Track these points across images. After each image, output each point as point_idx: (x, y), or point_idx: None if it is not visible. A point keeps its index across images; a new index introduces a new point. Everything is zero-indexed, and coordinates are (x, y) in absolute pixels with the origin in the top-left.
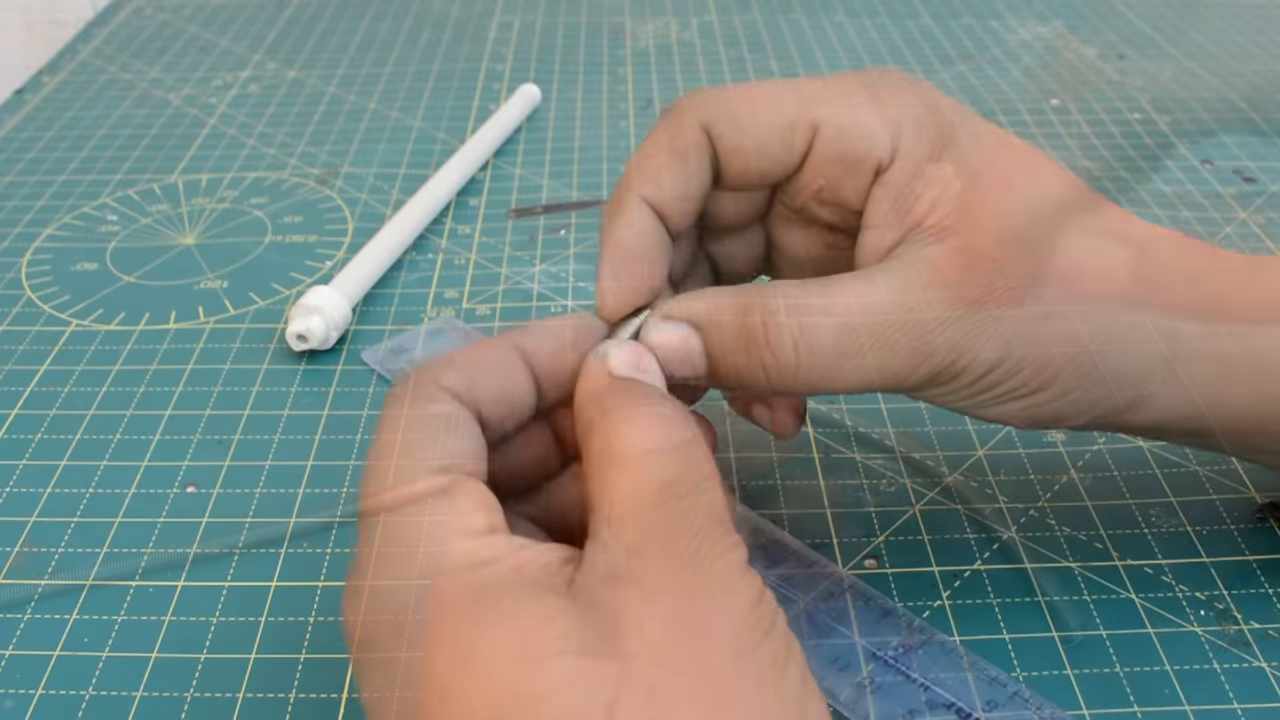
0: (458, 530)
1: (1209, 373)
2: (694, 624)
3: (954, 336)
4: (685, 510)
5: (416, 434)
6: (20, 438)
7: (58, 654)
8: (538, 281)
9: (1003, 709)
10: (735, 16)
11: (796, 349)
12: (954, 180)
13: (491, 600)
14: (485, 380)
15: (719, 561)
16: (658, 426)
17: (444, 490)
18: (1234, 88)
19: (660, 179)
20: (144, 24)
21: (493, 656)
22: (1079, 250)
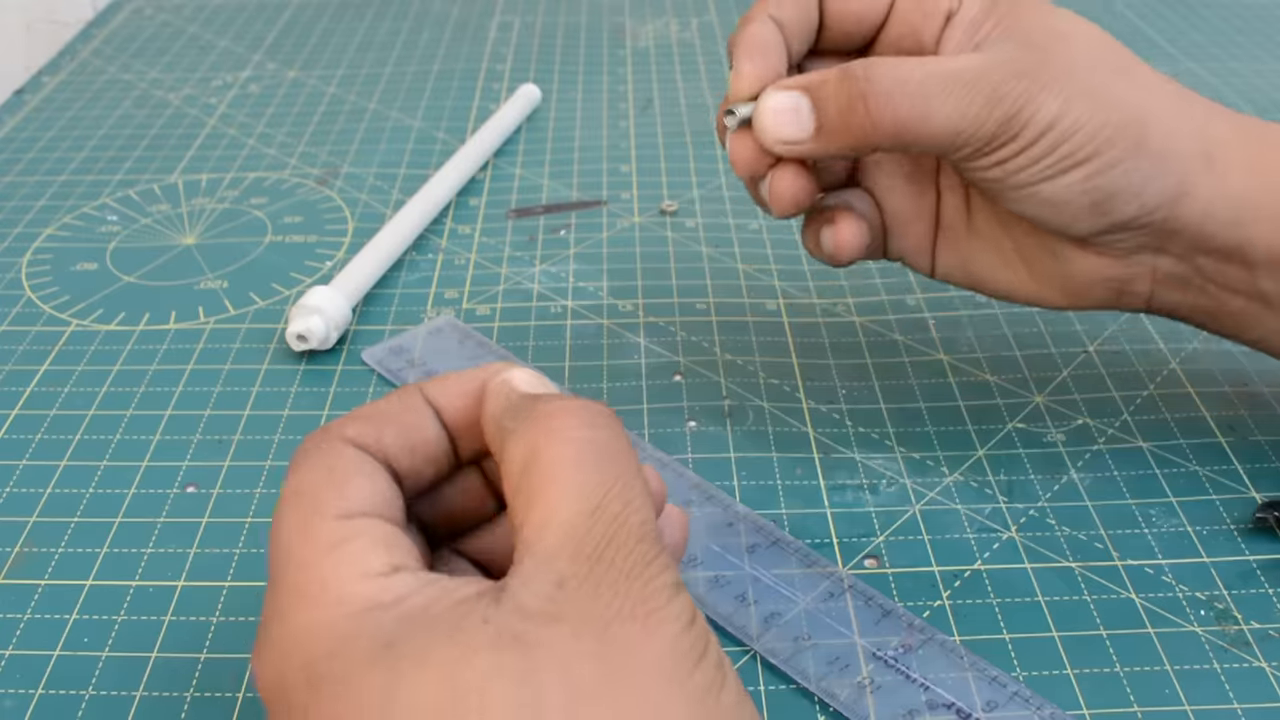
0: (354, 574)
1: (1243, 178)
2: (624, 656)
3: (1020, 86)
4: (616, 532)
5: (317, 483)
6: (20, 438)
7: (58, 654)
8: (538, 281)
9: (1003, 709)
10: (735, 16)
11: (891, 84)
12: (1010, 10)
13: (397, 648)
14: (391, 431)
15: (650, 585)
16: (584, 437)
17: (346, 535)
18: (1234, 88)
19: (782, 2)
20: (144, 24)
21: (412, 708)
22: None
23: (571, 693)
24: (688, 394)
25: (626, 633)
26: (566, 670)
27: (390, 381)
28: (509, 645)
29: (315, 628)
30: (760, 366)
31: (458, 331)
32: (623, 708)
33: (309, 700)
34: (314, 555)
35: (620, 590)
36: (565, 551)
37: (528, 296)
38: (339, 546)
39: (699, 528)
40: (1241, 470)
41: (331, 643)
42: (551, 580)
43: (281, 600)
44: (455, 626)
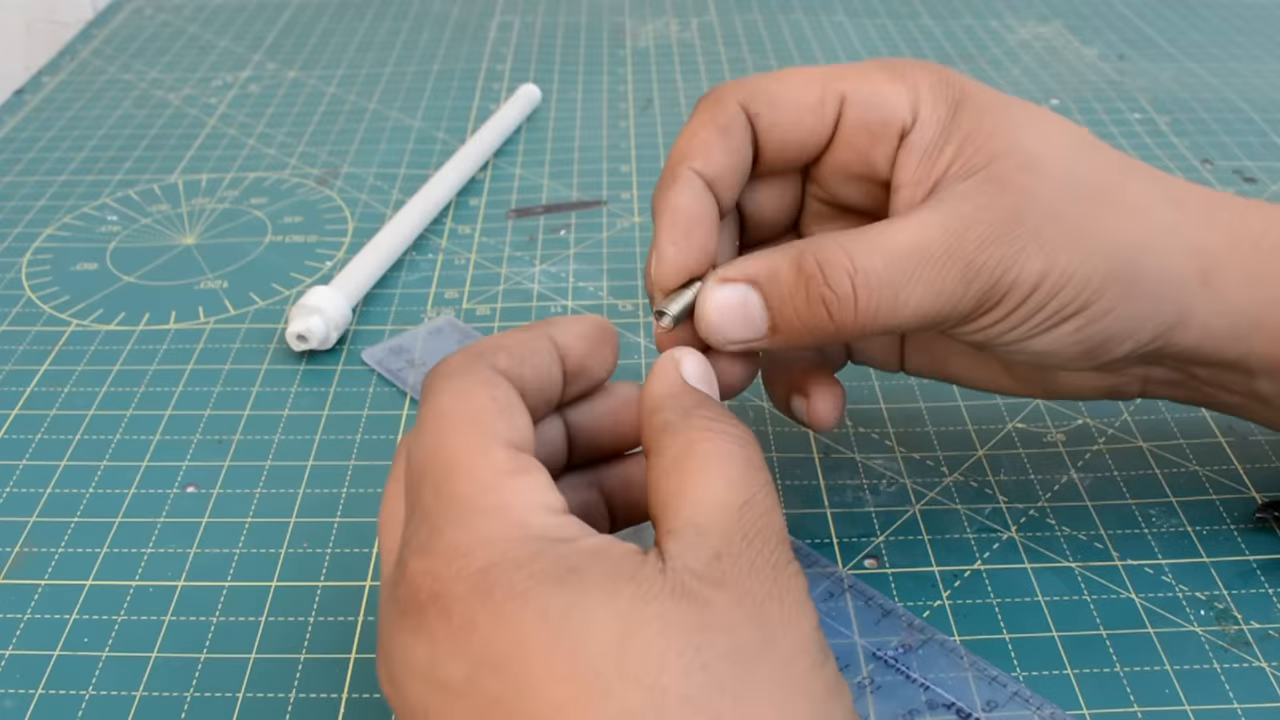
0: (535, 503)
1: (1242, 292)
2: (772, 634)
3: (997, 253)
4: (762, 529)
5: (485, 409)
6: (20, 438)
7: (58, 654)
8: (538, 281)
9: (1003, 709)
10: (735, 16)
11: (853, 282)
12: (972, 129)
13: (582, 576)
14: (530, 369)
15: (791, 581)
16: (738, 446)
17: (522, 466)
18: (1234, 88)
19: (709, 153)
20: (144, 24)
21: (591, 631)
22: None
23: (735, 648)
24: None
25: (777, 613)
26: (731, 630)
27: (390, 381)
28: (683, 596)
29: (498, 540)
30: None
31: (458, 331)
32: (775, 675)
33: (479, 608)
34: (494, 477)
35: (767, 577)
36: (719, 530)
37: (528, 296)
38: (518, 475)
39: None
40: (1241, 470)
41: (519, 558)
42: (709, 552)
43: (457, 512)
44: (636, 569)
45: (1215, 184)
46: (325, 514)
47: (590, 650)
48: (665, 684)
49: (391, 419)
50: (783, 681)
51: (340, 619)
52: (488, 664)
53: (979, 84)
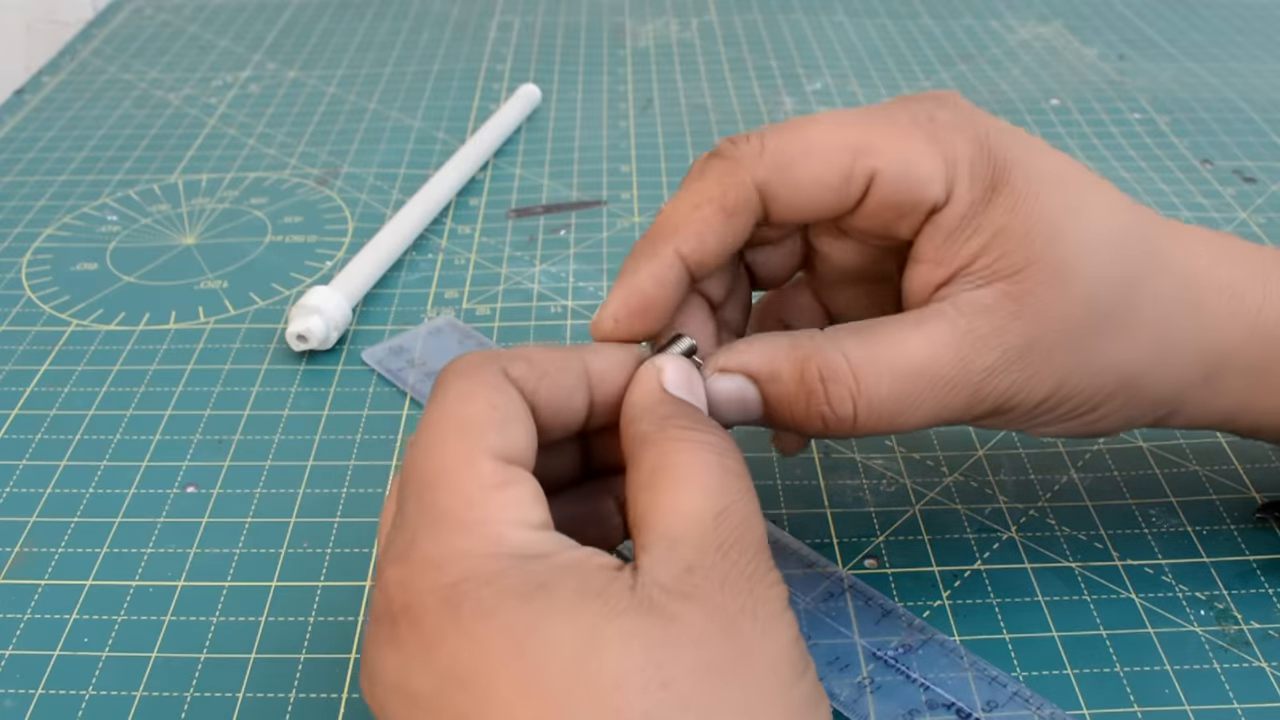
0: (513, 518)
1: (1242, 383)
2: (746, 648)
3: (1005, 381)
4: (739, 539)
5: (482, 417)
6: (20, 438)
7: (58, 654)
8: (538, 281)
9: (1003, 709)
10: (735, 16)
11: (855, 405)
12: (1004, 226)
13: (549, 593)
14: (548, 386)
15: (769, 592)
16: (715, 455)
17: (508, 479)
18: (1234, 88)
19: (704, 236)
20: (144, 24)
21: (553, 647)
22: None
23: (701, 664)
24: None
25: (749, 627)
26: (699, 644)
27: (390, 382)
28: (649, 611)
29: (469, 555)
30: None
31: (458, 331)
32: (743, 692)
33: (445, 621)
34: (477, 491)
35: (742, 589)
36: (691, 542)
37: (528, 296)
38: (502, 489)
39: None
40: (1241, 470)
41: (487, 574)
42: (681, 565)
43: (435, 523)
44: (605, 585)
45: (1215, 184)
46: (325, 514)
47: (551, 668)
48: (622, 702)
49: (391, 419)
50: (753, 699)
51: (340, 619)
52: (454, 679)
53: (1024, 149)
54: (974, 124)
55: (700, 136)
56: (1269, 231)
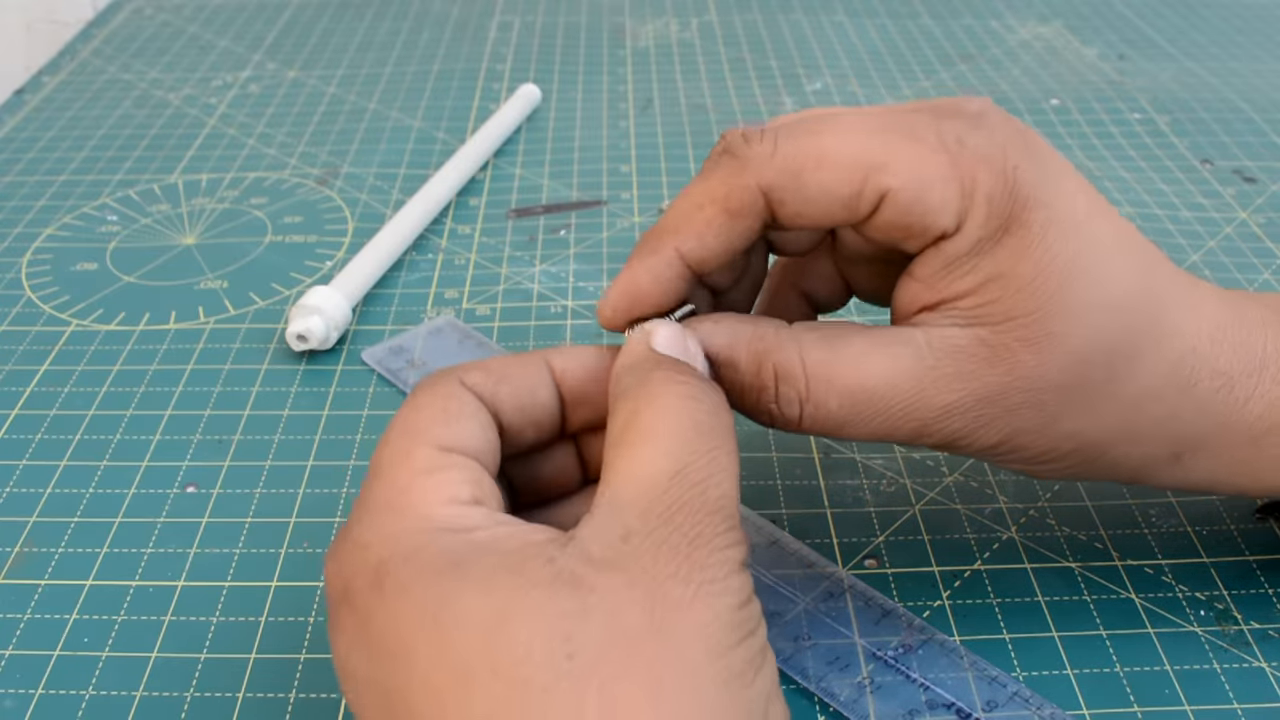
0: (442, 497)
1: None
2: (671, 615)
3: (957, 423)
4: (692, 499)
5: (429, 416)
6: (20, 438)
7: (58, 654)
8: (538, 281)
9: (1003, 709)
10: (735, 16)
11: (801, 411)
12: (1005, 272)
13: (465, 567)
14: (507, 387)
15: (714, 555)
16: (687, 408)
17: (442, 464)
18: (1234, 88)
19: (705, 236)
20: (144, 24)
21: (461, 621)
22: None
23: (611, 636)
24: None
25: (678, 594)
26: (612, 615)
27: (390, 382)
28: (565, 584)
29: (395, 535)
30: None
31: (458, 331)
32: (655, 661)
33: (372, 600)
34: (409, 477)
35: (681, 553)
36: (638, 507)
37: (528, 296)
38: (433, 473)
39: None
40: None
41: (407, 551)
42: (618, 532)
43: (368, 510)
44: (521, 560)
45: (1215, 184)
46: (325, 514)
47: (461, 643)
48: (527, 674)
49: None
50: (667, 668)
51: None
52: (383, 655)
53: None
54: (1004, 153)
55: (700, 136)
56: (1269, 231)
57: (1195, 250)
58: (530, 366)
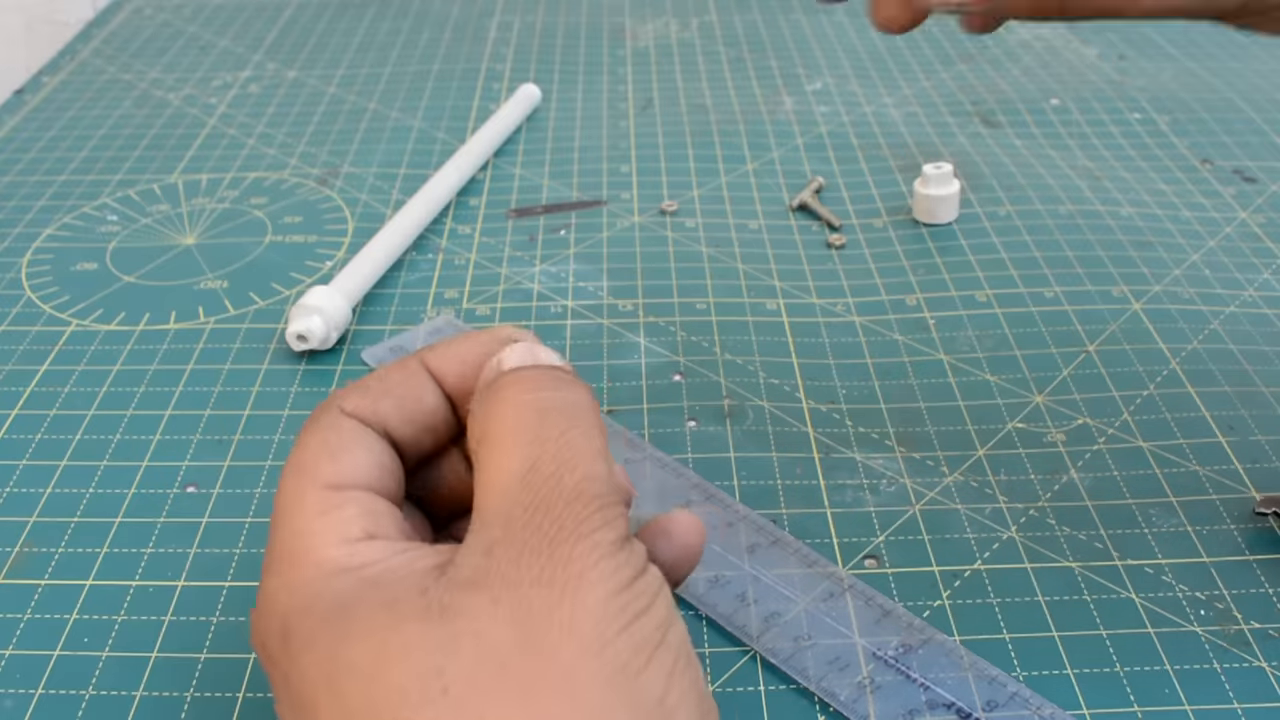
0: (332, 539)
1: None
2: (539, 622)
3: None
4: (548, 492)
5: (314, 455)
6: (20, 438)
7: (58, 654)
8: (538, 281)
9: (1003, 709)
10: (735, 16)
11: None
12: None
13: (350, 612)
14: (389, 402)
15: (579, 546)
16: (527, 401)
17: (333, 504)
18: (1234, 88)
19: None
20: (144, 24)
21: (347, 670)
22: None
23: (480, 661)
24: (688, 394)
25: (543, 598)
26: (480, 638)
27: None
28: (435, 615)
29: (293, 587)
30: (760, 366)
31: (458, 331)
32: (527, 677)
33: (282, 655)
34: (303, 521)
35: (543, 553)
36: (500, 515)
37: (528, 296)
38: (325, 514)
39: None
40: (1241, 470)
41: (304, 601)
42: (482, 548)
43: (272, 561)
44: (396, 595)
45: (1215, 184)
46: None
47: (350, 692)
48: (409, 716)
49: None
50: (538, 681)
51: None
52: (298, 709)
53: None
54: None
55: (700, 136)
56: (1269, 231)
57: (1195, 250)
58: (410, 373)
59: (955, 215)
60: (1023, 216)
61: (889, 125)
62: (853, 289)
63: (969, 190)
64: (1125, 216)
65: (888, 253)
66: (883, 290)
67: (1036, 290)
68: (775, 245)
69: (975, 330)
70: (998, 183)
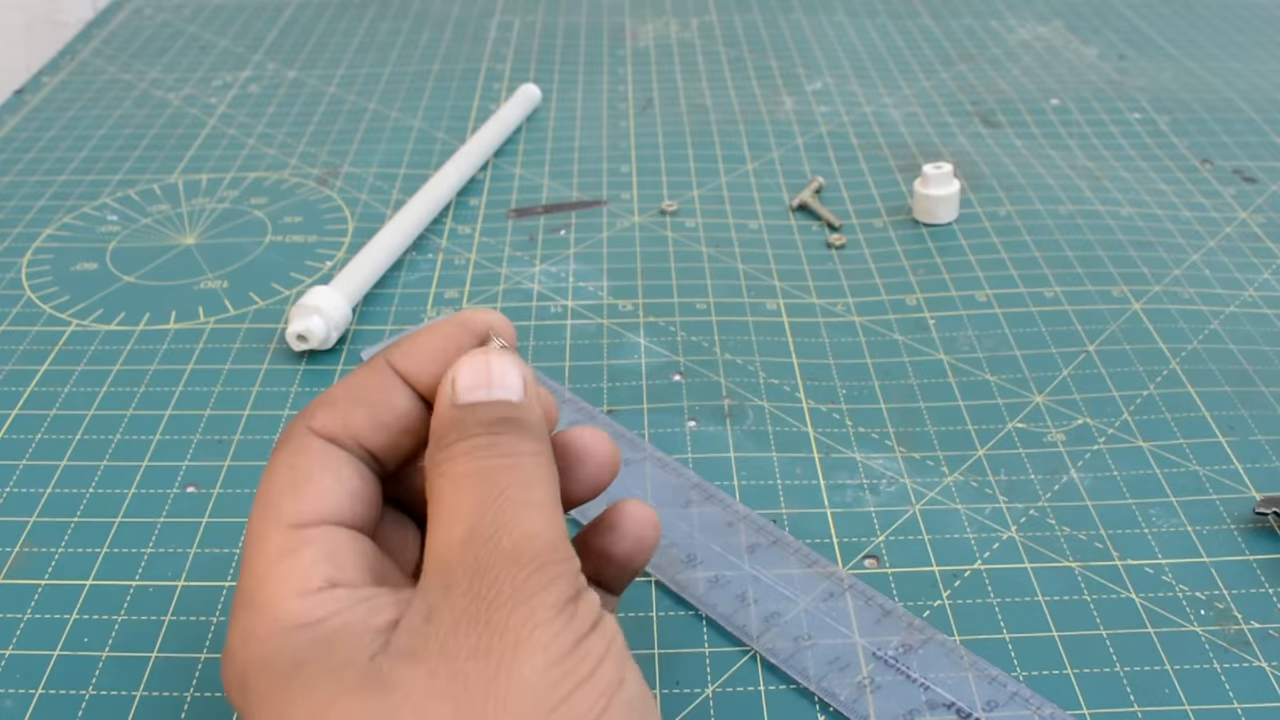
0: (291, 589)
1: None
2: (478, 696)
3: None
4: (485, 556)
5: (278, 487)
6: (20, 438)
7: (58, 654)
8: (538, 281)
9: (1003, 709)
10: (735, 16)
11: None
12: None
13: (300, 671)
14: (359, 412)
15: (515, 613)
16: (473, 463)
17: (292, 547)
18: (1234, 88)
19: None
20: (144, 24)
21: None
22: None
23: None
24: (688, 394)
25: (479, 672)
26: (417, 714)
27: None
28: (374, 687)
29: (252, 639)
30: (760, 366)
31: None
32: None
33: (241, 705)
34: (265, 565)
35: (480, 623)
36: (439, 581)
37: (528, 296)
38: (284, 559)
39: (699, 527)
40: (1241, 470)
41: (261, 656)
42: (423, 613)
43: (237, 606)
44: (344, 660)
45: (1215, 184)
46: None
47: None
48: None
49: None
50: None
51: None
52: None
53: None
54: None
55: (700, 136)
56: (1269, 231)
57: (1195, 250)
58: (377, 376)
59: (955, 215)
60: (1023, 216)
61: (889, 125)
62: (853, 289)
63: (969, 190)
64: (1125, 216)
65: (888, 253)
66: (883, 290)
67: (1036, 290)
68: (775, 245)
69: (975, 330)
70: (998, 183)
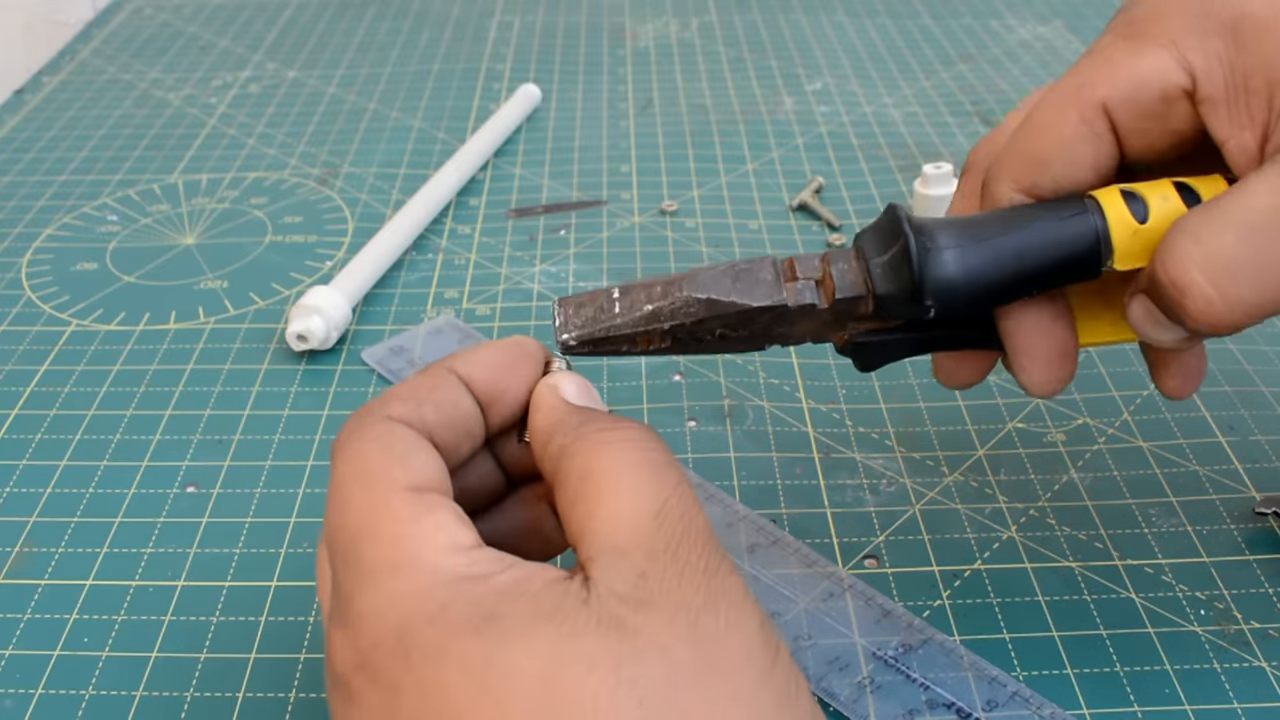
0: (443, 544)
1: None
2: (714, 645)
3: None
4: (684, 534)
5: (379, 461)
6: (20, 438)
7: (58, 654)
8: (538, 281)
9: (1003, 709)
10: (735, 16)
11: None
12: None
13: (500, 620)
14: (430, 407)
15: (726, 580)
16: (636, 452)
17: (426, 508)
18: None
19: None
20: (144, 24)
21: (516, 678)
22: None
23: (670, 674)
24: (688, 394)
25: (714, 623)
26: (665, 653)
27: (390, 381)
28: (610, 628)
29: (409, 595)
30: (760, 366)
31: (458, 331)
32: (715, 695)
33: (400, 671)
34: (398, 528)
35: (700, 584)
36: (639, 548)
37: (528, 296)
38: (422, 519)
39: None
40: (1241, 470)
41: (429, 610)
42: (634, 573)
43: (364, 576)
44: (557, 606)
45: None
46: None
47: (519, 701)
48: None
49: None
50: (727, 700)
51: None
52: None
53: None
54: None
55: (700, 136)
56: None
57: None
58: (441, 379)
59: None
60: None
61: (889, 125)
62: None
63: None
64: None
65: None
66: None
67: None
68: (775, 245)
69: None
70: None
